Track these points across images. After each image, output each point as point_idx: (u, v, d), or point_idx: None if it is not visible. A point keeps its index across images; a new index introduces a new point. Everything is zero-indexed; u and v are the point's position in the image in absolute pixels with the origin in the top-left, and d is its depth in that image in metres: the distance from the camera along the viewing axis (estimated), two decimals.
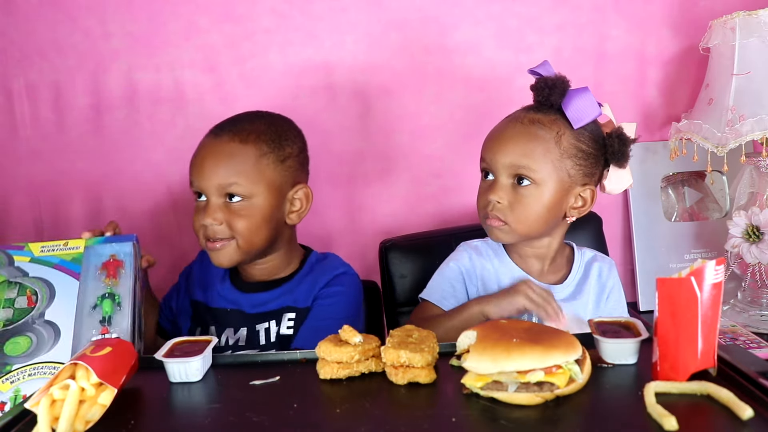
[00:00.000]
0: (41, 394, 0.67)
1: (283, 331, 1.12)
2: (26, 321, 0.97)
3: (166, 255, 1.52)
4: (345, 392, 0.75)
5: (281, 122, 1.17)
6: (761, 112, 1.28)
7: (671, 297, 0.70)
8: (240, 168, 1.08)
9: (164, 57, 1.47)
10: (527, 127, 1.04)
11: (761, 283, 1.40)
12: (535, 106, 1.08)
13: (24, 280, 1.01)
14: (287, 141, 1.14)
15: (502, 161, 1.05)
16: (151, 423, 0.71)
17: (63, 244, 1.04)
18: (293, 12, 1.47)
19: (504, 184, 1.05)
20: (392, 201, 1.55)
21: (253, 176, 1.08)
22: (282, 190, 1.12)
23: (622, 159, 1.07)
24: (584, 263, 1.16)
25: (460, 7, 1.49)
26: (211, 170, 1.08)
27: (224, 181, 1.08)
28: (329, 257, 1.23)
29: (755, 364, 1.13)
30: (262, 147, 1.10)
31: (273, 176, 1.11)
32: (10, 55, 1.46)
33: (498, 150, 1.06)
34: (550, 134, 1.03)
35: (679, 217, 1.61)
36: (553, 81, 1.05)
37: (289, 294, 1.15)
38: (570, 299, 1.12)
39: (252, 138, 1.10)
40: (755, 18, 1.30)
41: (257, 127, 1.12)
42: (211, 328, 1.17)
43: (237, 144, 1.09)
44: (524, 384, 0.68)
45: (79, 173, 1.50)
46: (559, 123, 1.04)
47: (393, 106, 1.51)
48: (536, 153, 1.03)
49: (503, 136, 1.06)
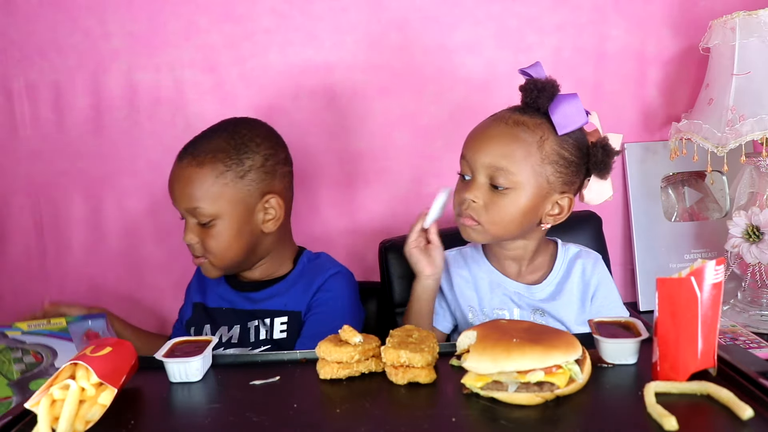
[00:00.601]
0: (41, 394, 0.67)
1: (276, 335, 1.13)
2: (41, 369, 1.07)
3: (167, 255, 1.52)
4: (345, 392, 0.75)
5: (244, 132, 1.13)
6: (761, 112, 1.28)
7: (671, 297, 0.70)
8: (198, 193, 1.09)
9: (164, 57, 1.47)
10: (510, 128, 1.02)
11: (761, 283, 1.40)
12: (521, 108, 1.06)
13: (24, 346, 1.08)
14: (247, 154, 1.11)
15: (481, 160, 1.03)
16: (151, 423, 0.71)
17: (46, 321, 1.12)
18: (293, 12, 1.47)
19: (481, 184, 1.03)
20: (392, 201, 1.55)
21: (212, 198, 1.09)
22: (248, 204, 1.11)
23: (605, 170, 1.05)
24: (567, 261, 1.13)
25: (460, 7, 1.49)
26: (178, 196, 1.11)
27: (188, 206, 1.10)
28: (321, 257, 1.23)
29: (755, 364, 1.13)
30: (217, 167, 1.09)
31: (234, 193, 1.10)
32: (10, 55, 1.46)
33: (478, 149, 1.04)
34: (533, 138, 1.01)
35: (679, 217, 1.61)
36: (543, 84, 1.03)
37: (280, 296, 1.16)
38: (549, 300, 1.10)
39: (208, 159, 1.09)
40: (755, 18, 1.30)
41: (214, 144, 1.11)
42: (206, 327, 1.18)
43: (194, 168, 1.09)
44: (524, 384, 0.68)
45: (79, 173, 1.50)
46: (544, 127, 1.02)
47: (393, 106, 1.51)
48: (516, 155, 1.01)
49: (485, 134, 1.05)
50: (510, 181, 1.01)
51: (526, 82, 1.05)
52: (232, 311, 1.18)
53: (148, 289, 1.54)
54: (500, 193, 1.02)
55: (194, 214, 1.10)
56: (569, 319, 1.09)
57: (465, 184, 1.06)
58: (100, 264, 1.52)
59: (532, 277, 1.13)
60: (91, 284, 1.53)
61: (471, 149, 1.05)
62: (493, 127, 1.05)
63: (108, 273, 1.53)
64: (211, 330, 1.18)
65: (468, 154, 1.05)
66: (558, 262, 1.13)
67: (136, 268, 1.53)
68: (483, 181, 1.03)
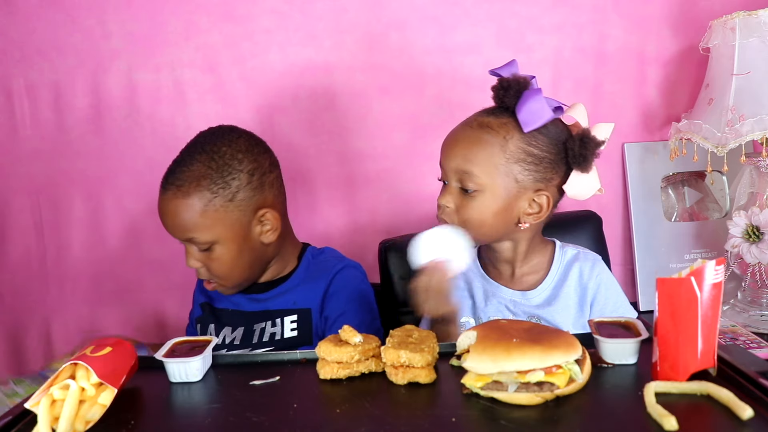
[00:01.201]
0: (41, 394, 0.67)
1: (287, 333, 1.12)
2: None
3: (167, 255, 1.52)
4: (345, 392, 0.75)
5: (224, 150, 1.08)
6: (761, 112, 1.28)
7: (671, 297, 0.70)
8: (190, 224, 1.06)
9: (164, 57, 1.47)
10: (475, 131, 1.02)
11: (761, 283, 1.40)
12: (491, 109, 1.05)
13: None
14: (231, 174, 1.07)
15: (449, 165, 1.03)
16: (151, 423, 0.71)
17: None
18: (293, 12, 1.47)
19: (453, 188, 1.03)
20: (392, 201, 1.55)
21: (205, 226, 1.06)
22: (242, 223, 1.09)
23: (584, 163, 1.01)
24: (564, 264, 1.09)
25: (459, 7, 1.49)
26: (170, 227, 1.09)
27: (183, 236, 1.08)
28: (325, 252, 1.23)
29: (755, 364, 1.12)
30: (204, 195, 1.05)
31: (226, 217, 1.07)
32: (10, 55, 1.46)
33: (447, 154, 1.04)
34: (496, 138, 1.00)
35: (679, 217, 1.61)
36: (508, 82, 1.01)
37: (288, 295, 1.16)
38: (545, 305, 1.07)
39: (192, 188, 1.05)
40: (755, 18, 1.30)
41: (196, 171, 1.06)
42: (210, 326, 1.18)
43: (180, 200, 1.06)
44: (524, 384, 0.68)
45: (79, 173, 1.50)
46: (509, 126, 1.01)
47: (393, 106, 1.51)
48: (479, 158, 1.00)
49: (453, 139, 1.05)
50: (477, 183, 1.00)
51: (497, 81, 1.04)
52: (238, 312, 1.17)
53: (148, 289, 1.54)
54: (470, 196, 1.01)
55: (191, 242, 1.08)
56: (566, 325, 1.06)
57: (442, 189, 1.06)
58: (100, 264, 1.52)
59: (527, 279, 1.10)
60: (91, 284, 1.53)
61: (442, 155, 1.06)
62: (459, 131, 1.05)
63: (108, 273, 1.53)
64: (216, 330, 1.17)
65: (441, 160, 1.06)
66: (555, 265, 1.09)
67: (136, 268, 1.53)
68: (455, 186, 1.03)
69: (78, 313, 1.51)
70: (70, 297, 1.52)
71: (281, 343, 1.12)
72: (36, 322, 1.53)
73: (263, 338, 1.13)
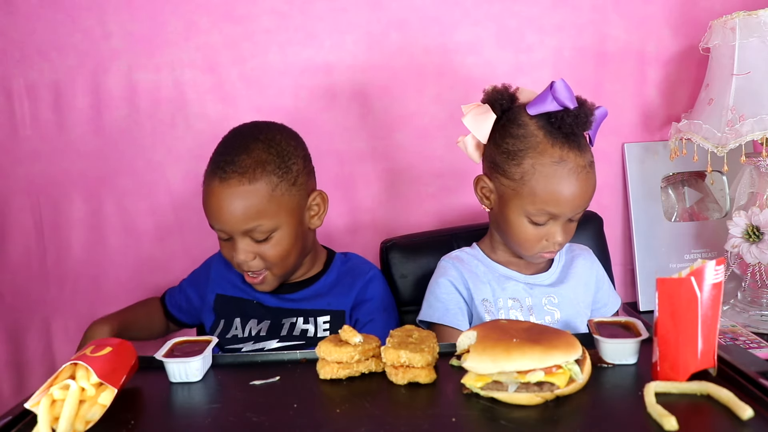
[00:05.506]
0: (41, 394, 0.67)
1: (320, 333, 1.13)
2: None
3: (167, 255, 1.52)
4: (345, 392, 0.75)
5: (279, 139, 1.10)
6: (761, 112, 1.28)
7: (671, 297, 0.70)
8: (256, 210, 1.05)
9: (164, 57, 1.47)
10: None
11: (761, 283, 1.40)
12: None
13: None
14: (291, 159, 1.09)
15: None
16: (151, 423, 0.71)
17: None
18: (293, 12, 1.47)
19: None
20: (392, 201, 1.55)
21: (272, 212, 1.06)
22: (301, 207, 1.12)
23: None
24: (564, 252, 1.19)
25: (460, 7, 1.49)
26: (230, 217, 1.05)
27: (245, 227, 1.06)
28: (351, 258, 1.25)
29: (755, 364, 1.13)
30: (271, 179, 1.06)
31: (290, 201, 1.09)
32: (10, 55, 1.46)
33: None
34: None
35: (679, 217, 1.61)
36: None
37: (321, 297, 1.17)
38: (557, 284, 1.14)
39: (258, 173, 1.05)
40: (755, 18, 1.30)
41: (258, 157, 1.06)
42: (236, 320, 1.17)
43: (246, 186, 1.04)
44: (524, 384, 0.68)
45: (79, 173, 1.50)
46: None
47: (393, 106, 1.51)
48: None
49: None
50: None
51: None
52: (262, 306, 1.17)
53: (148, 289, 1.54)
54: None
55: (253, 232, 1.06)
56: (584, 300, 1.15)
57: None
58: (100, 264, 1.52)
59: (536, 268, 1.16)
60: (91, 284, 1.53)
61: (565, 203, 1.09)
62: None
63: (108, 273, 1.53)
64: (241, 323, 1.17)
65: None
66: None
67: (136, 268, 1.53)
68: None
69: (78, 313, 1.51)
70: (70, 297, 1.52)
71: (314, 341, 1.11)
72: (36, 322, 1.53)
73: (293, 332, 1.13)
